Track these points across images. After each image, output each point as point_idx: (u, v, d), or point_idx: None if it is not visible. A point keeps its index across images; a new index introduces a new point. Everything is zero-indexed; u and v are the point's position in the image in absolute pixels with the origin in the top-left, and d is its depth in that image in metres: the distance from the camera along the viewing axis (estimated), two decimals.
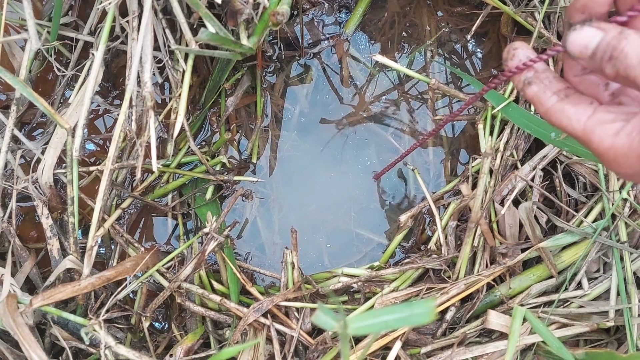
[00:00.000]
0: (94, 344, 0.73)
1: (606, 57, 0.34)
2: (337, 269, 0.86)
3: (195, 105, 0.92)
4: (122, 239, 0.85)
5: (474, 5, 0.98)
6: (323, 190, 0.93)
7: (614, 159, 0.35)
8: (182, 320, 0.85)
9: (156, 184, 0.89)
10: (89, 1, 0.87)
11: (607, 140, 0.35)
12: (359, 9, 0.96)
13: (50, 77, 0.93)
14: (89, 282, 0.72)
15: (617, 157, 0.35)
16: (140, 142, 0.71)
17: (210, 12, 0.61)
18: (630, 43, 0.33)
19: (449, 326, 0.81)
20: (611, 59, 0.34)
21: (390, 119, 0.95)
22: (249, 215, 0.91)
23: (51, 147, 0.79)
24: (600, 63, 0.35)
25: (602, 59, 0.34)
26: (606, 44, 0.34)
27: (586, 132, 0.36)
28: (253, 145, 0.92)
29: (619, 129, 0.35)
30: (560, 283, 0.79)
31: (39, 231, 0.89)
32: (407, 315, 0.33)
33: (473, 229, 0.80)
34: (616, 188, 0.79)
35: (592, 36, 0.35)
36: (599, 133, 0.35)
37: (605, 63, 0.34)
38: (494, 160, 0.83)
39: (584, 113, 0.36)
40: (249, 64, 0.92)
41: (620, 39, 0.34)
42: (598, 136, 0.35)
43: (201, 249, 0.74)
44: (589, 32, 0.35)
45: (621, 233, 0.77)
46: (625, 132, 0.35)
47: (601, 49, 0.34)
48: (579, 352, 0.70)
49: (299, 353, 0.79)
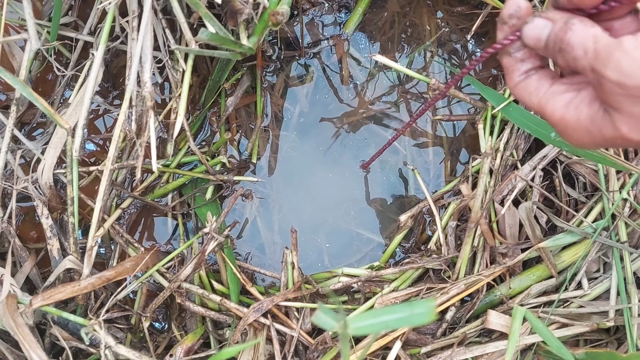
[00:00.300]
0: (94, 344, 0.73)
1: (556, 48, 0.34)
2: (337, 269, 0.86)
3: (195, 105, 0.92)
4: (122, 239, 0.85)
5: (474, 5, 0.98)
6: (323, 190, 0.93)
7: (564, 130, 0.36)
8: (182, 320, 0.85)
9: (156, 184, 0.89)
10: (89, 1, 0.87)
11: (557, 112, 0.36)
12: (359, 9, 0.96)
13: (50, 77, 0.93)
14: (89, 282, 0.72)
15: (567, 129, 0.36)
16: (140, 142, 0.71)
17: (210, 12, 0.61)
18: (574, 33, 0.33)
19: (449, 326, 0.81)
20: (560, 51, 0.34)
21: (390, 119, 0.95)
22: (249, 215, 0.91)
23: (51, 147, 0.79)
24: (552, 54, 0.35)
25: (553, 49, 0.35)
26: (554, 35, 0.34)
27: (541, 104, 0.37)
28: (253, 145, 0.92)
29: (569, 101, 0.35)
30: (560, 283, 0.79)
31: (39, 231, 0.89)
32: (407, 315, 0.33)
33: (473, 229, 0.80)
34: (616, 188, 0.79)
35: (543, 27, 0.35)
36: (552, 104, 0.36)
37: (557, 54, 0.35)
38: (494, 160, 0.83)
39: (542, 87, 0.37)
40: (249, 64, 0.92)
41: (565, 29, 0.34)
42: (550, 108, 0.36)
43: (201, 249, 0.74)
44: (540, 23, 0.35)
45: (621, 233, 0.77)
46: (574, 104, 0.35)
47: (551, 40, 0.35)
48: (579, 352, 0.70)
49: (299, 353, 0.79)
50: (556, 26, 0.34)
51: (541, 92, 0.37)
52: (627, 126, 0.32)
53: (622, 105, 0.32)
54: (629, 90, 0.31)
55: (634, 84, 0.30)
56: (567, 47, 0.34)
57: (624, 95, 0.31)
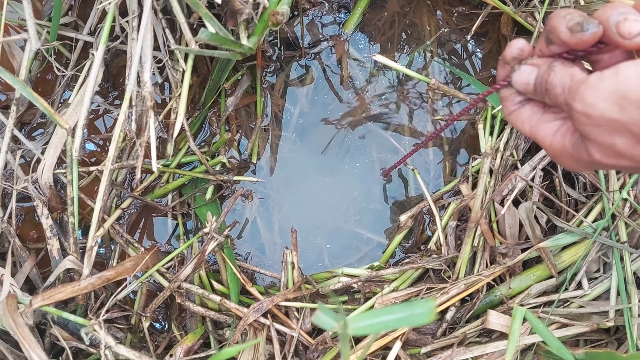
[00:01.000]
0: (94, 344, 0.73)
1: (543, 90, 0.38)
2: (337, 269, 0.86)
3: (195, 105, 0.92)
4: (122, 239, 0.85)
5: (474, 5, 0.98)
6: (323, 190, 0.93)
7: (554, 155, 0.40)
8: (182, 320, 0.85)
9: (156, 184, 0.89)
10: (89, 1, 0.87)
11: (547, 140, 0.39)
12: (358, 9, 0.96)
13: (50, 77, 0.93)
14: (89, 282, 0.72)
15: (556, 154, 0.39)
16: (140, 142, 0.71)
17: (210, 12, 0.61)
18: (556, 74, 0.37)
19: (449, 326, 0.81)
20: (546, 92, 0.38)
21: (390, 119, 0.95)
22: (249, 215, 0.91)
23: (51, 147, 0.79)
24: (541, 96, 0.39)
25: (541, 91, 0.38)
26: (540, 79, 0.38)
27: (532, 131, 0.40)
28: (253, 145, 0.92)
29: (557, 129, 0.39)
30: (560, 283, 0.79)
31: (39, 231, 0.89)
32: (407, 315, 0.33)
33: (473, 229, 0.80)
34: (616, 188, 0.78)
35: (530, 73, 0.39)
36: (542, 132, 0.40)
37: (544, 95, 0.38)
38: (494, 160, 0.83)
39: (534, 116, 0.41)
40: (249, 64, 0.92)
41: (549, 72, 0.37)
42: (541, 135, 0.40)
43: (201, 249, 0.74)
44: (526, 70, 0.39)
45: (621, 233, 0.77)
46: (560, 132, 0.39)
47: (538, 84, 0.39)
48: (579, 352, 0.70)
49: (299, 353, 0.79)
50: (541, 70, 0.38)
51: (533, 121, 0.40)
52: (599, 153, 0.35)
53: (591, 135, 0.35)
54: (593, 119, 0.34)
55: (597, 114, 0.33)
56: (550, 87, 0.37)
57: (590, 125, 0.34)
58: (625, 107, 0.32)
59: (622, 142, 0.34)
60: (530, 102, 0.41)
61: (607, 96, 0.33)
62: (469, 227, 0.79)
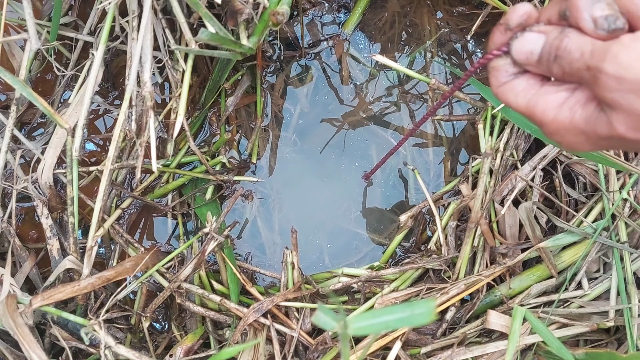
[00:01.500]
0: (94, 344, 0.73)
1: (552, 57, 0.34)
2: (337, 269, 0.86)
3: (195, 105, 0.92)
4: (122, 239, 0.85)
5: (474, 5, 0.98)
6: (323, 190, 0.93)
7: (556, 131, 0.36)
8: (182, 320, 0.85)
9: (156, 184, 0.89)
10: (89, 1, 0.87)
11: (549, 113, 0.35)
12: (358, 9, 0.96)
13: (50, 77, 0.93)
14: (89, 282, 0.72)
15: (560, 130, 0.35)
16: (140, 142, 0.71)
17: (210, 12, 0.61)
18: (571, 40, 0.33)
19: (449, 326, 0.81)
20: (556, 59, 0.34)
21: (390, 119, 0.95)
22: (249, 215, 0.91)
23: (51, 147, 0.79)
24: (547, 65, 0.35)
25: (548, 60, 0.35)
26: (550, 45, 0.34)
27: (530, 104, 0.36)
28: (253, 145, 0.92)
29: (562, 101, 0.35)
30: (560, 283, 0.79)
31: (39, 231, 0.89)
32: (407, 315, 0.33)
33: (473, 229, 0.80)
34: (616, 188, 0.79)
35: (536, 41, 0.35)
36: (542, 105, 0.36)
37: (552, 64, 0.35)
38: (494, 160, 0.83)
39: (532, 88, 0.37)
40: (249, 64, 0.92)
41: (561, 37, 0.34)
42: (541, 108, 0.36)
43: (201, 249, 0.74)
44: (532, 37, 0.36)
45: (621, 233, 0.77)
46: (568, 104, 0.35)
47: (546, 51, 0.35)
48: (579, 352, 0.70)
49: (299, 353, 0.79)
50: (551, 36, 0.35)
51: (530, 93, 0.36)
52: (624, 125, 0.32)
53: (620, 102, 0.31)
54: (627, 84, 0.30)
55: (632, 77, 0.30)
56: (563, 53, 0.34)
57: (621, 91, 0.31)
58: None
59: None
60: (526, 74, 0.37)
61: None
62: (469, 227, 0.79)
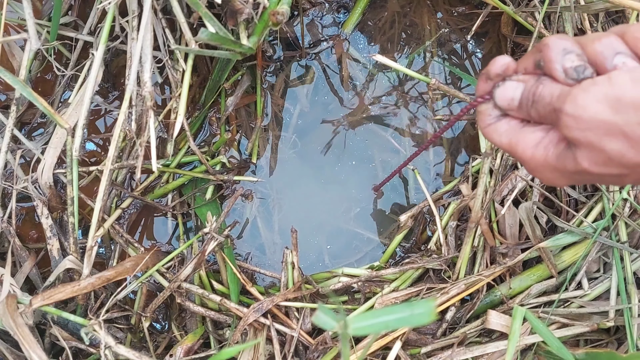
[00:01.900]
0: (94, 344, 0.73)
1: (529, 103, 0.38)
2: (337, 269, 0.86)
3: (195, 105, 0.92)
4: (122, 239, 0.85)
5: (474, 5, 0.98)
6: (323, 190, 0.93)
7: (535, 168, 0.39)
8: (182, 320, 0.85)
9: (156, 184, 0.89)
10: (89, 1, 0.87)
11: (528, 152, 0.39)
12: (358, 9, 0.96)
13: (50, 77, 0.93)
14: (89, 282, 0.72)
15: (537, 167, 0.39)
16: (140, 142, 0.71)
17: (210, 11, 0.61)
18: (545, 87, 0.37)
19: (449, 326, 0.81)
20: (533, 104, 0.38)
21: (390, 119, 0.95)
22: (249, 215, 0.91)
23: (51, 147, 0.79)
24: (526, 109, 0.39)
25: (527, 105, 0.38)
26: (527, 92, 0.38)
27: (511, 144, 0.40)
28: (253, 145, 0.92)
29: (539, 141, 0.38)
30: (560, 283, 0.79)
31: (39, 231, 0.89)
32: (407, 315, 0.33)
33: (473, 229, 0.80)
34: (616, 188, 0.78)
35: (515, 88, 0.39)
36: (522, 144, 0.39)
37: (530, 108, 0.38)
38: (494, 160, 0.83)
39: (513, 129, 0.40)
40: (249, 63, 0.92)
41: (537, 84, 0.37)
42: (522, 147, 0.39)
43: (201, 249, 0.74)
44: (512, 85, 0.39)
45: (621, 233, 0.77)
46: (543, 144, 0.38)
47: (525, 97, 0.38)
48: (579, 352, 0.70)
49: (299, 353, 0.79)
50: (529, 84, 0.38)
51: (512, 133, 0.40)
52: (587, 160, 0.35)
53: (579, 139, 0.34)
54: (584, 122, 0.34)
55: (588, 116, 0.33)
56: (538, 98, 0.37)
57: (579, 129, 0.34)
58: (619, 108, 0.32)
59: (613, 146, 0.33)
60: (508, 116, 0.41)
61: (601, 98, 0.33)
62: (469, 227, 0.79)
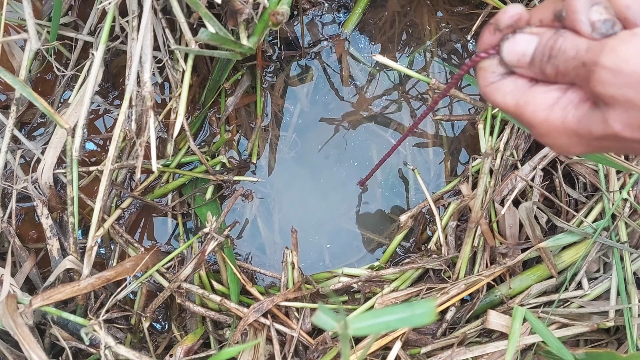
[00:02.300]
0: (94, 344, 0.73)
1: (545, 58, 0.34)
2: (337, 269, 0.86)
3: (195, 105, 0.92)
4: (122, 239, 0.85)
5: (474, 5, 0.98)
6: (323, 190, 0.93)
7: (547, 133, 0.35)
8: (182, 320, 0.85)
9: (156, 184, 0.89)
10: (89, 1, 0.87)
11: (540, 114, 0.34)
12: (358, 9, 0.96)
13: (50, 77, 0.93)
14: (89, 282, 0.72)
15: (551, 132, 0.34)
16: (140, 142, 0.71)
17: (210, 12, 0.61)
18: (566, 40, 0.33)
19: (449, 326, 0.81)
20: (550, 58, 0.33)
21: (390, 119, 0.95)
22: (249, 215, 0.91)
23: (51, 147, 0.79)
24: (540, 65, 0.34)
25: (542, 61, 0.34)
26: (543, 46, 0.34)
27: (519, 104, 0.35)
28: (253, 145, 0.92)
29: (554, 101, 0.34)
30: (560, 283, 0.79)
31: (39, 231, 0.89)
32: (408, 315, 0.33)
33: (473, 229, 0.80)
34: (616, 188, 0.78)
35: (528, 42, 0.35)
36: (533, 105, 0.34)
37: (545, 64, 0.34)
38: (494, 160, 0.83)
39: (521, 88, 0.36)
40: (249, 63, 0.92)
41: (556, 38, 0.33)
42: (531, 109, 0.34)
43: (201, 249, 0.74)
44: (525, 38, 0.35)
45: (621, 233, 0.77)
46: (560, 105, 0.34)
47: (539, 52, 0.34)
48: (579, 352, 0.70)
49: (299, 353, 0.79)
50: (545, 37, 0.34)
51: (519, 93, 0.35)
52: (620, 122, 0.31)
53: (616, 96, 0.30)
54: (625, 76, 0.29)
55: (630, 70, 0.29)
56: (558, 53, 0.33)
57: (617, 84, 0.30)
58: None
59: None
60: (513, 75, 0.36)
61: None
62: (469, 227, 0.79)
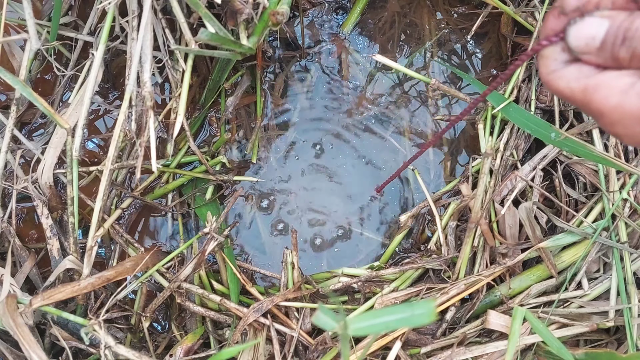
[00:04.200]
0: (94, 344, 0.73)
1: (618, 41, 0.32)
2: (337, 269, 0.86)
3: (195, 105, 0.92)
4: (122, 239, 0.85)
5: (474, 5, 0.98)
6: (323, 190, 0.93)
7: (619, 120, 0.32)
8: (182, 320, 0.85)
9: (156, 184, 0.89)
10: (89, 1, 0.87)
11: (612, 99, 0.32)
12: (357, 9, 0.96)
13: (50, 77, 0.93)
14: (89, 282, 0.72)
15: (624, 119, 0.32)
16: (140, 142, 0.71)
17: (210, 12, 0.61)
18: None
19: (449, 326, 0.81)
20: (625, 41, 0.31)
21: (390, 119, 0.95)
22: (249, 215, 0.91)
23: (51, 147, 0.79)
24: (612, 49, 0.32)
25: (614, 44, 0.32)
26: (616, 28, 0.32)
27: (587, 90, 0.33)
28: (253, 145, 0.92)
29: (629, 87, 0.31)
30: (560, 283, 0.79)
31: (39, 231, 0.89)
32: (408, 315, 0.33)
33: (473, 229, 0.80)
34: (616, 188, 0.78)
35: (599, 25, 0.33)
36: (604, 91, 0.32)
37: (619, 47, 0.32)
38: (494, 160, 0.83)
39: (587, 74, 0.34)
40: (249, 64, 0.92)
41: (631, 20, 0.31)
42: (602, 94, 0.32)
43: (201, 249, 0.74)
44: (594, 21, 0.33)
45: (621, 233, 0.77)
46: (636, 90, 0.31)
47: (611, 34, 0.32)
48: (579, 352, 0.70)
49: (299, 353, 0.79)
50: (618, 19, 0.32)
51: (585, 79, 0.33)
52: None
53: None
54: None
55: None
56: (635, 34, 0.31)
57: None
58: None
59: None
60: (577, 62, 0.34)
61: None
62: (469, 227, 0.79)
